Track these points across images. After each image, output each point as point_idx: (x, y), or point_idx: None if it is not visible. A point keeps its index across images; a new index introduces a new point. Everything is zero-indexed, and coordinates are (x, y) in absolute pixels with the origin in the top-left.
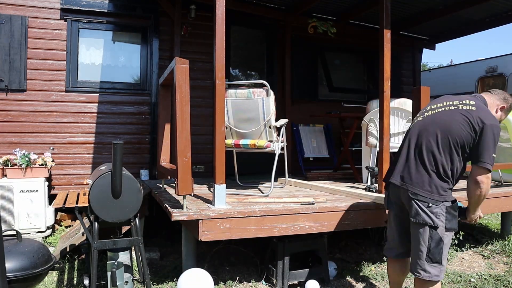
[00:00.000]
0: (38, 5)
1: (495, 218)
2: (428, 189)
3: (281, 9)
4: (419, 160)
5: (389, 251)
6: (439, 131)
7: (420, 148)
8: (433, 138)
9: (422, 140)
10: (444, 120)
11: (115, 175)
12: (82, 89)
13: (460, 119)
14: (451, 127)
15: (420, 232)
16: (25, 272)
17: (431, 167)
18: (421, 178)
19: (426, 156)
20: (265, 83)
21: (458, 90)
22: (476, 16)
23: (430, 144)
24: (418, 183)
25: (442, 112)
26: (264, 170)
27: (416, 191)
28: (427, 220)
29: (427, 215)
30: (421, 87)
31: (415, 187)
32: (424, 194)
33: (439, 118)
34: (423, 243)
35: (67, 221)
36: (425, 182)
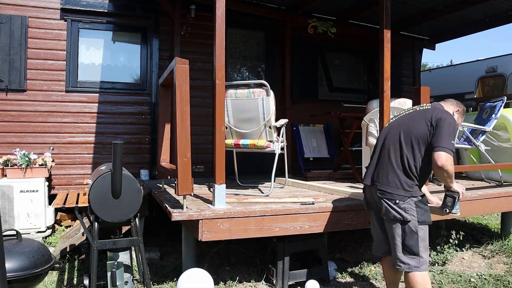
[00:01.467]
0: (38, 5)
1: (495, 218)
2: (394, 186)
3: (281, 9)
4: (386, 160)
5: (376, 250)
6: (402, 132)
7: (388, 149)
8: (397, 139)
9: (388, 142)
10: (404, 121)
11: (115, 175)
12: (82, 89)
13: (417, 117)
14: (410, 125)
15: (393, 228)
16: (25, 272)
17: (397, 165)
18: (387, 176)
19: (393, 156)
20: (265, 83)
21: (458, 90)
22: (476, 16)
23: (395, 144)
24: (385, 181)
25: (403, 115)
26: (264, 170)
27: (383, 188)
28: (397, 216)
29: (395, 211)
30: (421, 87)
31: (382, 185)
32: (390, 191)
33: (400, 121)
34: (397, 237)
35: (67, 221)
36: (391, 180)
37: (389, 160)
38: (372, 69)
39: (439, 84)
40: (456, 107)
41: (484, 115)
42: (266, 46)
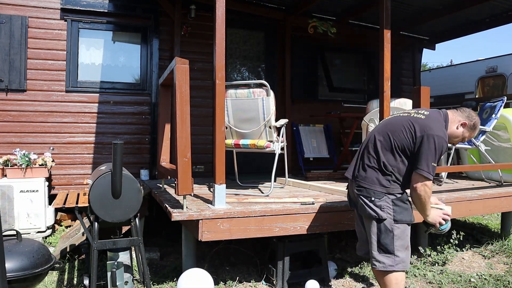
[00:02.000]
0: (38, 5)
1: (495, 218)
2: (370, 182)
3: (281, 9)
4: (365, 157)
5: (359, 249)
6: (386, 133)
7: (368, 147)
8: (379, 138)
9: (372, 139)
10: (392, 124)
11: (115, 175)
12: (82, 89)
13: (405, 124)
14: (395, 130)
15: (369, 225)
16: (25, 272)
17: (374, 163)
18: (365, 173)
19: (373, 153)
20: (265, 83)
21: (458, 90)
22: (476, 16)
23: (376, 143)
24: (362, 176)
25: (396, 117)
26: (264, 170)
27: (361, 183)
28: (372, 214)
29: (371, 208)
30: (421, 87)
31: (360, 180)
32: (366, 186)
33: (389, 122)
34: (372, 235)
35: (67, 221)
36: (368, 177)
37: (369, 155)
38: (372, 69)
39: (439, 84)
40: (464, 120)
41: (484, 115)
42: (266, 46)
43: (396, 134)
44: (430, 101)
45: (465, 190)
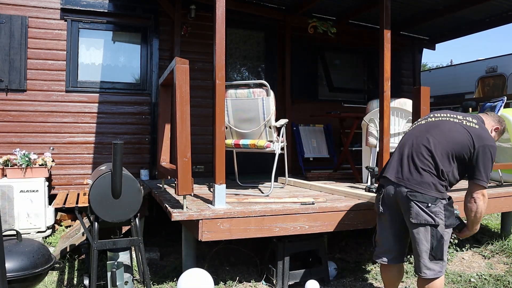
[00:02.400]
0: (38, 5)
1: (495, 218)
2: (426, 187)
3: (281, 9)
4: (418, 160)
5: (383, 255)
6: (441, 136)
7: (420, 149)
8: (435, 142)
9: (422, 141)
10: (447, 128)
11: (115, 175)
12: (82, 89)
13: (462, 131)
14: (453, 135)
15: (422, 232)
16: (25, 272)
17: (431, 168)
18: (420, 177)
19: (428, 157)
20: (265, 83)
21: (458, 90)
22: (476, 16)
23: (431, 147)
24: (418, 181)
25: (446, 121)
26: (264, 170)
27: (416, 188)
28: (429, 220)
29: (428, 214)
30: (421, 87)
31: (413, 184)
32: (422, 192)
33: (442, 125)
34: (425, 242)
35: (67, 221)
36: (424, 181)
37: (423, 159)
38: (372, 69)
39: (439, 84)
40: (497, 125)
41: None
42: (266, 46)
43: (455, 140)
44: (430, 101)
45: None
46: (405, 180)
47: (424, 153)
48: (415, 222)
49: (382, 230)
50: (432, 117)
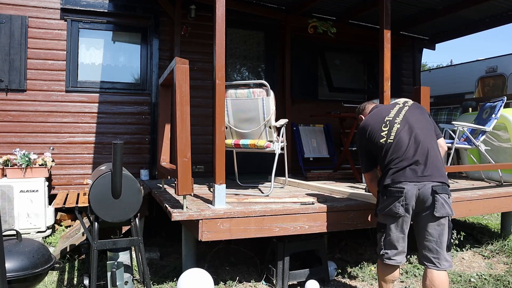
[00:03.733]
0: (38, 5)
1: (495, 218)
2: (446, 178)
3: (281, 9)
4: (433, 152)
5: (399, 256)
6: (425, 125)
7: (431, 140)
8: (428, 132)
9: (421, 135)
10: (416, 115)
11: (115, 175)
12: (82, 89)
13: (421, 112)
14: (425, 120)
15: (444, 224)
16: (25, 272)
17: (441, 157)
18: (439, 170)
19: (437, 147)
20: (265, 83)
21: (458, 90)
22: (476, 16)
23: (430, 137)
24: (442, 173)
25: (408, 109)
26: (264, 170)
27: (442, 180)
28: (449, 212)
29: (449, 206)
30: (421, 87)
31: (439, 176)
32: (446, 182)
33: (414, 115)
34: (445, 235)
35: (67, 221)
36: (444, 173)
37: (434, 152)
38: (372, 69)
39: (439, 84)
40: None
41: (484, 115)
42: (266, 46)
43: (429, 123)
44: (430, 101)
45: (465, 190)
46: (430, 175)
47: (434, 145)
48: (439, 216)
49: (398, 233)
50: (395, 116)
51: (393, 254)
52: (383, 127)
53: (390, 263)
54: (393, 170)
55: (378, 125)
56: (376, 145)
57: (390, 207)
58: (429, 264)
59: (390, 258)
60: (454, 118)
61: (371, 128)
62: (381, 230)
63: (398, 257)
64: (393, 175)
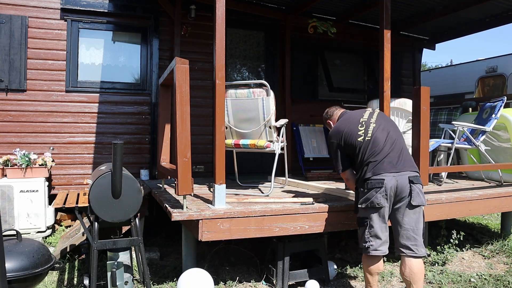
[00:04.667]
0: (38, 5)
1: (495, 218)
2: (417, 169)
3: (281, 9)
4: (404, 146)
5: (383, 246)
6: (395, 126)
7: (398, 136)
8: (396, 130)
9: (393, 133)
10: (387, 120)
11: (115, 175)
12: (82, 89)
13: (388, 118)
14: (393, 123)
15: (419, 213)
16: (25, 272)
17: (407, 151)
18: (411, 161)
19: (404, 144)
20: (265, 83)
21: (458, 90)
22: (476, 16)
23: (399, 135)
24: (413, 165)
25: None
26: (264, 170)
27: (416, 171)
28: (423, 201)
29: (423, 196)
30: (421, 87)
31: (413, 169)
32: (418, 173)
33: (384, 119)
34: (421, 222)
35: (67, 221)
36: (415, 165)
37: (406, 148)
38: (372, 69)
39: (439, 84)
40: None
41: (484, 115)
42: (266, 46)
43: (396, 127)
44: (430, 101)
45: (465, 190)
46: (406, 166)
47: (402, 140)
48: (415, 204)
49: (381, 223)
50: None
51: (378, 244)
52: (359, 127)
53: (376, 253)
54: (373, 164)
55: (353, 127)
56: (352, 145)
57: (371, 199)
58: (408, 252)
59: (376, 249)
60: (454, 118)
61: (347, 130)
62: (364, 223)
63: (383, 247)
64: (373, 169)
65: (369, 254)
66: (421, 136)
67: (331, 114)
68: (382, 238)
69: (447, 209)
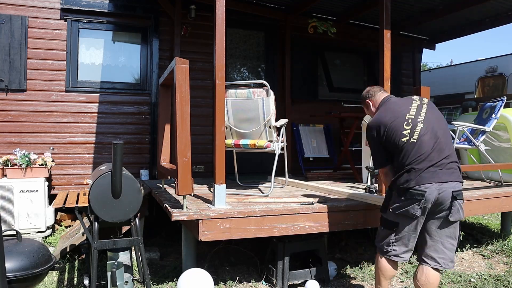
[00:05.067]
0: (38, 5)
1: (495, 218)
2: (462, 181)
3: (281, 9)
4: (451, 157)
5: (406, 254)
6: (444, 128)
7: (445, 145)
8: (446, 135)
9: (442, 138)
10: (436, 117)
11: (115, 175)
12: (82, 89)
13: (439, 113)
14: (443, 122)
15: (456, 228)
16: (25, 272)
17: (457, 161)
18: (458, 175)
19: (453, 152)
20: (265, 83)
21: (458, 90)
22: (476, 16)
23: (448, 141)
24: (458, 179)
25: (428, 110)
26: (264, 170)
27: (460, 187)
28: (462, 217)
29: (463, 211)
30: (421, 87)
31: (458, 183)
32: (462, 189)
33: (434, 116)
34: (455, 238)
35: (67, 221)
36: (461, 176)
37: (454, 156)
38: (372, 69)
39: (439, 84)
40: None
41: (484, 115)
42: (266, 46)
43: (446, 127)
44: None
45: (465, 190)
46: (451, 180)
47: (453, 148)
48: (453, 220)
49: (411, 232)
50: (416, 115)
51: (401, 251)
52: (405, 125)
53: (397, 260)
54: (416, 171)
55: (399, 123)
56: (395, 143)
57: (407, 208)
58: (433, 263)
59: (397, 255)
60: (454, 118)
61: (391, 126)
62: (392, 228)
63: (405, 255)
64: (416, 178)
65: (389, 259)
66: None
67: (373, 93)
68: (408, 246)
69: None
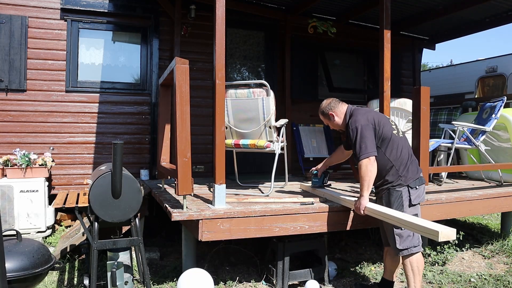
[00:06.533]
0: (38, 5)
1: (495, 218)
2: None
3: (281, 9)
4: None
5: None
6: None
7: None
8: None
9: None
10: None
11: (115, 175)
12: (82, 89)
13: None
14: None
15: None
16: (25, 272)
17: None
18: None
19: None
20: (265, 83)
21: (458, 90)
22: (476, 16)
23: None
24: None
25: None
26: (264, 170)
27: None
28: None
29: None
30: (421, 87)
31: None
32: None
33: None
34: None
35: (67, 221)
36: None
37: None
38: (372, 69)
39: (439, 84)
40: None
41: (484, 115)
42: (266, 46)
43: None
44: (430, 101)
45: (465, 190)
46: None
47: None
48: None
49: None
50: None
51: (420, 241)
52: (390, 121)
53: (421, 250)
54: (415, 161)
55: (386, 118)
56: (389, 135)
57: (423, 195)
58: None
59: (420, 246)
60: (454, 118)
61: (383, 119)
62: None
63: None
64: (417, 167)
65: (421, 252)
66: (421, 136)
67: (334, 105)
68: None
69: (447, 209)
